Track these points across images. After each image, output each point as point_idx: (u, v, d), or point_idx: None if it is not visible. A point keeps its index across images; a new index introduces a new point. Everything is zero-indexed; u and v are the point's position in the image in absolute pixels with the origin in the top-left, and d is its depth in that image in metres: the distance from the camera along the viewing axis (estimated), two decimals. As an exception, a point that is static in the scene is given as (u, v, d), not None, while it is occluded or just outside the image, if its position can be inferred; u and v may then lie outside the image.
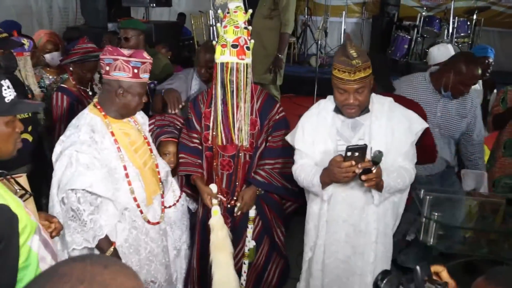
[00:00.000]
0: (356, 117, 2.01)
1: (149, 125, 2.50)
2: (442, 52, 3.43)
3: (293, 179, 2.16)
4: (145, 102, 2.11)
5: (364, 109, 2.00)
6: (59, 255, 1.97)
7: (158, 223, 2.20)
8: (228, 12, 2.17)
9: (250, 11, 2.21)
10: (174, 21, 7.25)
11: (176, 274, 2.50)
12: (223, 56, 2.15)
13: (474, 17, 6.58)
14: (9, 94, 1.37)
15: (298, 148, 2.10)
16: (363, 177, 1.79)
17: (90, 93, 2.88)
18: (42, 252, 1.36)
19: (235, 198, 2.41)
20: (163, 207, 2.27)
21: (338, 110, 2.03)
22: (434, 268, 0.92)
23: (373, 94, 2.05)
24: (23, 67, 2.86)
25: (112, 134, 2.00)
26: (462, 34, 6.41)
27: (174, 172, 2.50)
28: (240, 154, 2.35)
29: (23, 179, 1.52)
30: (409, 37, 6.35)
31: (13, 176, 1.51)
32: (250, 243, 2.44)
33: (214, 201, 2.36)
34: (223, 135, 2.31)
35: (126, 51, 1.98)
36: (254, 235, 2.45)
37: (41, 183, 2.79)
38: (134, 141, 2.10)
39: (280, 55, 4.27)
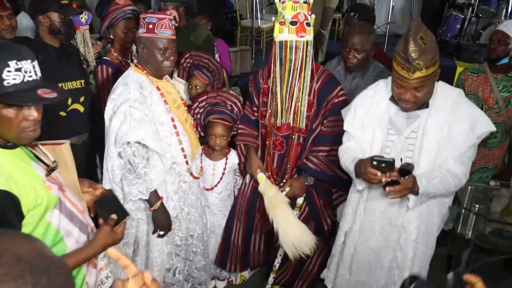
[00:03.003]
0: None
1: (201, 101, 2.52)
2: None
3: None
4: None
5: (422, 104, 1.85)
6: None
7: (198, 178, 2.30)
8: None
9: None
10: (217, -7, 7.13)
11: (210, 249, 2.57)
12: (281, 34, 2.04)
13: (537, -5, 6.06)
14: (13, 78, 1.16)
15: (347, 129, 2.04)
16: (387, 189, 1.72)
17: (131, 63, 2.90)
18: (65, 226, 1.35)
19: (284, 181, 2.36)
20: (201, 165, 2.38)
21: (394, 99, 1.90)
22: (469, 278, 0.83)
23: (440, 83, 1.89)
24: (80, 41, 2.85)
25: (158, 88, 2.09)
26: (522, 14, 5.94)
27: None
28: (294, 136, 2.30)
29: (65, 147, 1.52)
30: (463, 17, 5.96)
31: (57, 142, 1.51)
32: None
33: (260, 173, 2.34)
34: (280, 115, 2.24)
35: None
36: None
37: (95, 154, 2.83)
38: (175, 99, 2.20)
39: (322, 31, 4.14)
